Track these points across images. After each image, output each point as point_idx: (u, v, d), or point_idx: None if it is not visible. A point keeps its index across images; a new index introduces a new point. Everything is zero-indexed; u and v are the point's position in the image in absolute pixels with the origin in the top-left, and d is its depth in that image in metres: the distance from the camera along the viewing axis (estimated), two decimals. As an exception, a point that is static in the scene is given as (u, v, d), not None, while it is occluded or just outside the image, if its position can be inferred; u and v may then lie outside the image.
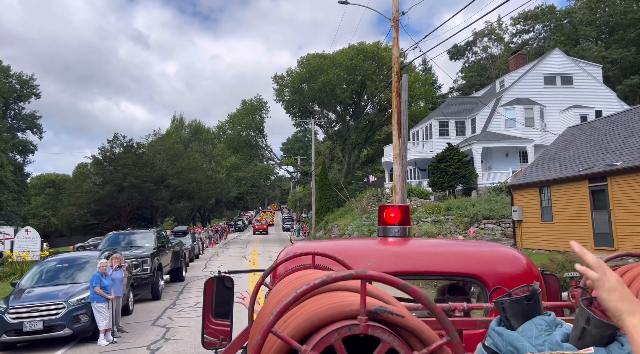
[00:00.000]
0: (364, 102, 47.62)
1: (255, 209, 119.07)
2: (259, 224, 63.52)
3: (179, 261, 18.79)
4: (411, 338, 0.97)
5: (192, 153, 52.71)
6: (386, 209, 2.79)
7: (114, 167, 44.72)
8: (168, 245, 17.62)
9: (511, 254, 2.55)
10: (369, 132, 49.73)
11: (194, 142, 70.51)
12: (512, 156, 33.14)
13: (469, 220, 24.11)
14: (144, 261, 14.26)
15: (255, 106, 49.11)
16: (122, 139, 45.76)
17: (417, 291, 0.96)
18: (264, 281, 2.00)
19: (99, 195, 42.12)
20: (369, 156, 52.79)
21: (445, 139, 35.87)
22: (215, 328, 2.82)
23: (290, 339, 0.93)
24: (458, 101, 38.20)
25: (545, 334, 1.19)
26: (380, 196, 33.67)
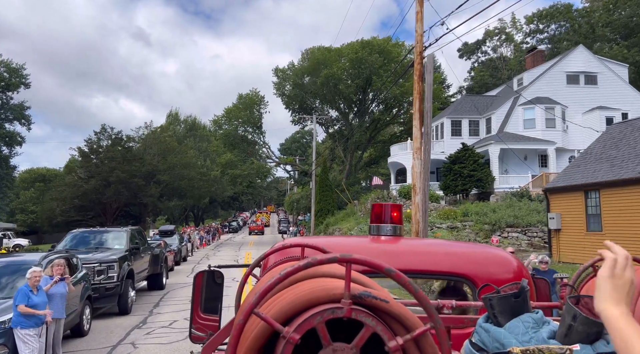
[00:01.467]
0: (369, 99, 44.99)
1: (251, 210, 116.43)
2: (254, 224, 62.43)
3: (158, 265, 16.04)
4: (395, 324, 0.96)
5: (185, 149, 49.91)
6: (378, 208, 2.80)
7: (100, 160, 41.89)
8: (145, 247, 14.87)
9: (502, 255, 2.58)
10: (372, 132, 47.09)
11: (188, 138, 67.71)
12: (531, 159, 30.57)
13: (489, 228, 21.48)
14: (110, 266, 11.52)
15: (253, 100, 46.33)
16: (110, 130, 42.93)
17: (402, 276, 0.95)
18: (252, 271, 2.04)
19: (83, 189, 39.24)
20: (372, 157, 50.14)
21: (457, 139, 33.27)
22: (204, 323, 2.77)
23: (272, 321, 0.92)
24: (471, 99, 35.67)
25: (532, 332, 1.18)
26: (386, 198, 31.00)
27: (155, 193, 41.35)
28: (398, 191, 30.64)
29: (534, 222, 20.86)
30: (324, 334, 0.93)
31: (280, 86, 47.17)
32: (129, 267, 12.32)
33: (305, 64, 43.47)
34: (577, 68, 31.61)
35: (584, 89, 31.40)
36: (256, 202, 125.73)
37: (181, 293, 15.70)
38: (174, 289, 16.51)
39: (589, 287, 1.81)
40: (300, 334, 0.92)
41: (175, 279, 19.29)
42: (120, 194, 39.58)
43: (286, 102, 48.09)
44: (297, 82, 45.22)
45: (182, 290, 16.38)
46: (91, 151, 42.15)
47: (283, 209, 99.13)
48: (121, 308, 11.90)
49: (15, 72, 67.88)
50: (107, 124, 43.06)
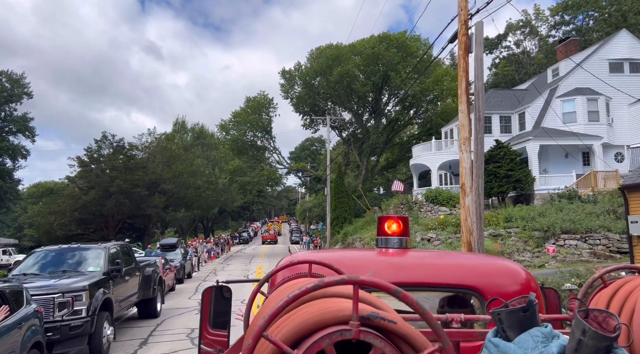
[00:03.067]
0: (385, 98, 42.06)
1: (262, 220, 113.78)
2: (267, 234, 61.28)
3: (150, 289, 13.15)
4: (403, 344, 0.97)
5: (191, 157, 47.32)
6: (385, 220, 2.80)
7: (101, 169, 39.40)
8: (132, 267, 12.00)
9: (510, 267, 2.52)
10: (389, 134, 44.11)
11: (196, 147, 65.23)
12: (573, 157, 27.34)
13: (541, 235, 18.31)
14: (77, 297, 8.66)
15: (262, 103, 43.61)
16: (111, 138, 40.46)
17: (409, 296, 0.97)
18: (260, 289, 2.04)
19: (83, 201, 36.68)
20: (389, 160, 47.10)
21: (487, 137, 30.11)
22: (213, 339, 2.74)
23: (281, 344, 0.93)
24: (500, 93, 32.60)
25: (542, 346, 1.18)
26: (411, 203, 27.95)
27: (160, 203, 38.67)
28: (424, 195, 27.57)
29: (594, 227, 17.67)
30: None
31: (288, 88, 44.44)
32: (105, 295, 9.44)
33: (314, 64, 40.73)
34: (620, 55, 28.45)
35: (630, 78, 28.20)
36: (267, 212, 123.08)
37: (179, 323, 12.78)
38: (171, 317, 13.60)
39: (597, 299, 1.73)
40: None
41: (174, 303, 16.38)
42: (122, 205, 36.96)
43: (295, 105, 45.33)
44: (307, 82, 42.47)
45: (181, 318, 13.46)
46: (91, 160, 39.71)
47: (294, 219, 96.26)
48: (93, 351, 9.00)
49: (17, 83, 66.11)
50: (108, 132, 40.49)
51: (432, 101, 39.82)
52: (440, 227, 20.92)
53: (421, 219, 24.53)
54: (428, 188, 29.05)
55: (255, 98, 44.05)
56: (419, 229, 22.07)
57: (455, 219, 21.01)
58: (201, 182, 44.37)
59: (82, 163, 39.54)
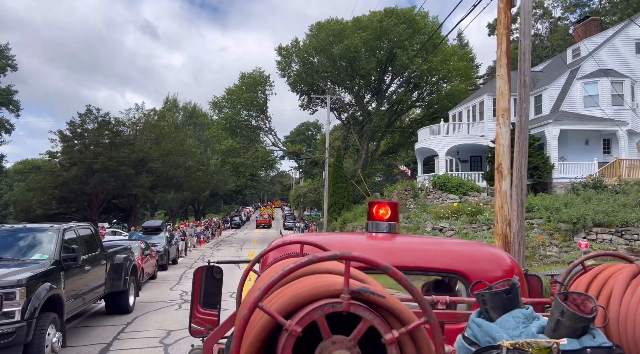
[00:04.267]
0: (389, 78, 39.66)
1: (254, 205, 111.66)
2: (261, 218, 60.55)
3: (121, 280, 10.97)
4: (391, 318, 1.01)
5: (182, 135, 44.81)
6: (375, 205, 2.85)
7: (84, 145, 36.89)
8: (95, 255, 9.81)
9: (496, 253, 2.59)
10: (391, 117, 41.85)
11: (187, 126, 62.55)
12: (594, 144, 25.33)
13: (569, 227, 16.30)
14: (8, 295, 6.49)
15: (257, 80, 41.04)
16: (96, 112, 37.83)
17: (398, 272, 1.01)
18: (252, 267, 2.06)
19: (63, 178, 34.25)
20: (390, 145, 44.91)
21: (500, 120, 28.07)
22: (203, 318, 2.76)
23: (275, 314, 0.97)
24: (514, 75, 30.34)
25: (522, 326, 1.21)
26: (417, 189, 25.88)
27: (147, 183, 36.29)
28: (431, 181, 25.47)
29: (631, 220, 15.68)
30: (324, 327, 0.97)
31: (285, 66, 41.84)
32: (51, 291, 7.26)
33: (314, 40, 38.11)
34: (647, 35, 26.29)
35: (657, 59, 26.10)
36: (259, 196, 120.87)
37: (154, 321, 10.65)
38: (146, 314, 11.46)
39: (577, 284, 1.81)
40: (302, 327, 0.96)
41: (152, 294, 14.25)
42: (105, 184, 34.57)
43: (292, 84, 42.82)
44: (305, 60, 39.92)
45: (157, 315, 11.33)
46: (74, 135, 37.13)
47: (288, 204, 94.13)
48: (31, 365, 6.84)
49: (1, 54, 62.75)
50: (92, 105, 37.85)
51: (438, 82, 37.52)
52: (453, 216, 18.88)
53: (429, 206, 22.50)
54: (435, 174, 26.97)
55: (250, 75, 41.51)
56: (429, 217, 20.03)
57: (470, 207, 18.98)
58: (192, 162, 41.98)
59: (65, 138, 36.97)
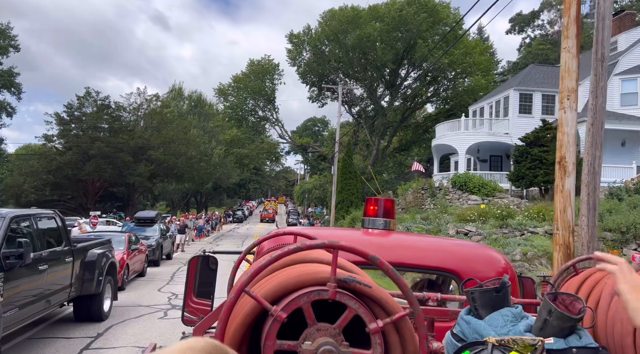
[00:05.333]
0: (405, 71, 37.55)
1: (258, 200, 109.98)
2: (266, 213, 60.24)
3: (93, 281, 9.05)
4: (376, 308, 1.03)
5: (185, 124, 42.90)
6: (371, 202, 2.87)
7: (81, 129, 35.06)
8: (60, 251, 7.89)
9: (490, 253, 2.57)
10: (405, 112, 39.76)
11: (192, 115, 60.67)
12: (631, 146, 23.19)
13: (616, 236, 14.26)
14: None
15: (266, 68, 39.03)
16: (95, 95, 35.95)
17: (385, 263, 1.02)
18: (245, 256, 2.13)
19: (57, 163, 32.46)
20: (402, 142, 42.85)
21: (527, 117, 26.01)
22: (196, 307, 2.75)
23: (261, 299, 0.98)
24: (542, 70, 28.28)
25: (511, 325, 1.22)
26: (434, 188, 23.85)
27: (145, 172, 34.44)
28: (451, 180, 23.44)
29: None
30: (309, 314, 0.98)
31: (296, 54, 39.78)
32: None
33: (326, 28, 36.02)
34: (694, 29, 24.11)
35: (703, 56, 23.90)
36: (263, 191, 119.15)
37: (130, 335, 8.72)
38: (122, 322, 9.53)
39: (568, 285, 1.83)
40: (287, 313, 0.97)
41: (136, 296, 12.32)
42: (102, 171, 32.74)
43: (302, 74, 40.79)
44: (317, 48, 37.84)
45: (137, 325, 9.41)
46: (71, 119, 35.31)
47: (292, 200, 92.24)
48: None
49: (2, 34, 60.94)
50: (91, 88, 35.98)
51: (458, 76, 35.38)
52: (480, 219, 16.86)
53: (450, 207, 20.49)
54: (455, 173, 24.92)
55: (259, 62, 39.47)
56: (450, 219, 18.02)
57: (499, 210, 16.95)
58: (194, 152, 40.07)
59: (62, 121, 35.15)
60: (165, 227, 22.67)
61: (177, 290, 13.32)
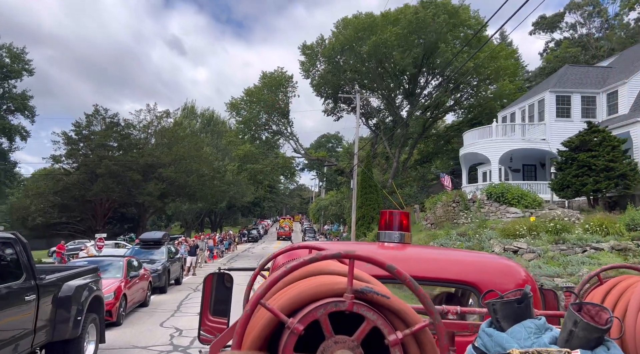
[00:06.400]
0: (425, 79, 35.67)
1: (273, 218, 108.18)
2: (282, 230, 59.65)
3: (69, 321, 7.12)
4: (395, 319, 1.01)
5: (198, 140, 41.52)
6: (386, 215, 2.81)
7: (90, 148, 33.76)
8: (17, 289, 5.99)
9: (510, 265, 2.49)
10: (426, 123, 37.74)
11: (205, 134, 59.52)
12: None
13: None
14: None
15: (279, 80, 37.54)
16: (104, 113, 34.74)
17: (402, 273, 1.00)
18: (260, 272, 2.05)
19: (63, 183, 31.07)
20: (423, 154, 40.71)
21: (565, 121, 23.80)
22: (213, 326, 2.71)
23: (277, 312, 0.97)
24: (579, 70, 26.10)
25: (534, 337, 1.18)
26: (467, 202, 21.65)
27: (155, 191, 32.86)
28: (486, 191, 21.24)
29: None
30: (326, 326, 0.96)
31: (309, 66, 38.21)
32: None
33: (340, 37, 34.46)
34: None
35: None
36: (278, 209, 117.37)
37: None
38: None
39: (593, 295, 1.76)
40: (304, 325, 0.96)
41: (130, 335, 10.35)
42: (110, 191, 31.24)
43: (316, 86, 39.18)
44: (331, 59, 36.24)
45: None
46: (79, 138, 34.07)
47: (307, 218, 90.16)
48: None
49: (18, 58, 60.92)
50: (100, 105, 34.77)
51: (484, 81, 33.30)
52: (531, 235, 14.62)
53: (489, 221, 18.27)
54: (490, 183, 22.69)
55: (272, 74, 38.00)
56: (494, 235, 15.80)
57: (552, 223, 14.71)
58: (207, 169, 38.50)
59: (69, 140, 33.93)
60: (174, 250, 20.82)
61: (182, 324, 11.34)
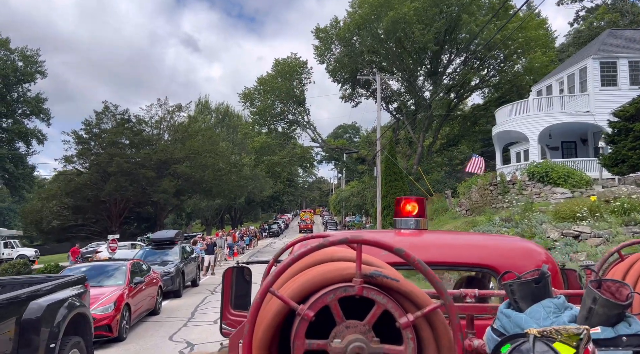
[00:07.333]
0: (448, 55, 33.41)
1: (293, 212, 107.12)
2: (304, 223, 59.88)
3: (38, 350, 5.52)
4: (405, 302, 1.01)
5: (213, 134, 40.06)
6: (402, 202, 2.82)
7: (101, 147, 32.61)
8: None
9: (529, 247, 2.48)
10: (451, 103, 35.51)
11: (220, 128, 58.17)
12: None
13: None
14: None
15: (293, 67, 35.68)
16: (114, 109, 33.52)
17: (411, 255, 1.00)
18: (275, 262, 2.03)
19: (75, 184, 29.99)
20: (448, 137, 38.51)
21: (611, 90, 21.46)
22: (234, 319, 2.73)
23: (287, 299, 0.98)
24: (624, 34, 23.62)
25: (554, 316, 1.18)
26: (506, 184, 19.60)
27: (170, 188, 31.54)
28: (527, 171, 19.15)
29: None
30: (337, 312, 0.97)
31: (324, 50, 36.21)
32: None
33: (356, 16, 32.38)
34: None
35: None
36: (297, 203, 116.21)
37: None
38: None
39: (614, 272, 1.74)
40: (314, 311, 0.96)
41: (135, 351, 8.80)
42: (123, 190, 30.02)
43: (332, 71, 37.23)
44: (347, 41, 34.21)
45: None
46: (90, 136, 32.95)
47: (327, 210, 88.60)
48: None
49: (30, 60, 60.40)
50: (110, 102, 33.52)
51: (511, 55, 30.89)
52: (593, 216, 12.59)
53: (536, 204, 16.25)
54: (530, 162, 20.56)
55: (285, 61, 36.19)
56: (546, 219, 13.81)
57: (622, 202, 12.65)
58: (223, 164, 37.06)
59: (80, 139, 32.84)
60: (189, 249, 19.36)
61: (195, 336, 9.75)
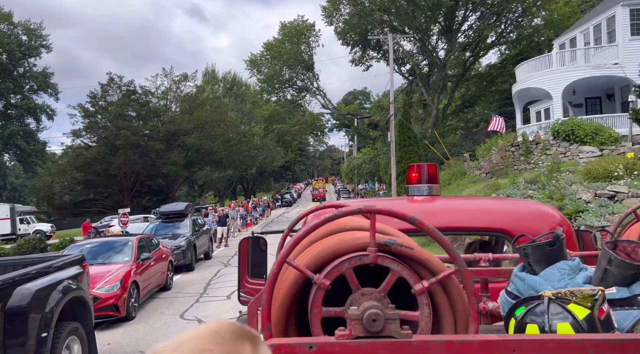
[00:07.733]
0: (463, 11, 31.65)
1: (305, 181, 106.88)
2: (316, 191, 60.67)
3: (27, 342, 4.96)
4: (420, 269, 1.02)
5: (219, 103, 39.12)
6: (414, 168, 2.81)
7: (108, 120, 32.00)
8: None
9: (543, 209, 2.47)
10: (467, 62, 33.95)
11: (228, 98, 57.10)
12: None
13: None
14: None
15: (300, 30, 34.21)
16: (119, 81, 32.66)
17: (424, 223, 1.01)
18: (289, 232, 2.04)
19: (84, 158, 29.58)
20: (464, 98, 37.08)
21: (642, 40, 19.95)
22: (252, 287, 2.78)
23: (303, 269, 1.00)
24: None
25: (568, 278, 1.17)
26: (528, 144, 18.57)
27: (179, 160, 31.00)
28: (551, 129, 18.08)
29: None
30: (352, 280, 0.99)
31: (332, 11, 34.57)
32: None
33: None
34: None
35: None
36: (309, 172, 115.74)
37: None
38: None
39: (630, 233, 1.71)
40: (330, 280, 0.98)
41: (141, 333, 8.30)
42: (132, 163, 29.55)
43: (341, 33, 35.67)
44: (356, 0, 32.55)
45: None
46: (96, 109, 32.29)
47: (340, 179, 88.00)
48: None
49: (34, 33, 59.24)
50: (114, 73, 32.64)
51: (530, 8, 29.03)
52: (629, 175, 11.66)
53: (563, 164, 15.29)
54: (554, 120, 19.43)
55: (292, 24, 34.70)
56: (575, 179, 12.90)
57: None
58: (232, 134, 36.29)
59: (87, 113, 32.22)
60: (200, 221, 18.88)
61: (207, 314, 9.24)
